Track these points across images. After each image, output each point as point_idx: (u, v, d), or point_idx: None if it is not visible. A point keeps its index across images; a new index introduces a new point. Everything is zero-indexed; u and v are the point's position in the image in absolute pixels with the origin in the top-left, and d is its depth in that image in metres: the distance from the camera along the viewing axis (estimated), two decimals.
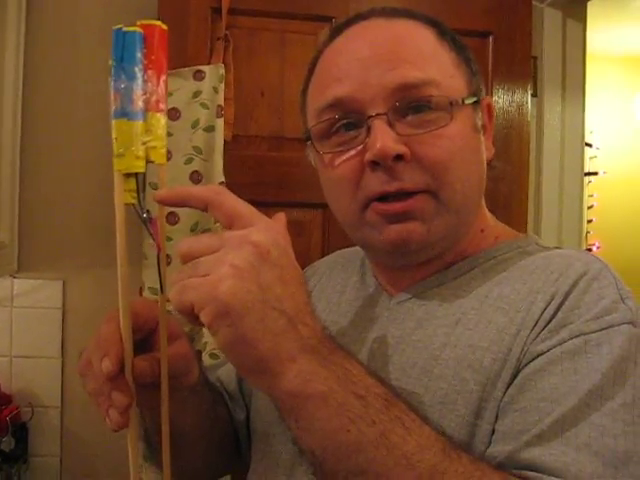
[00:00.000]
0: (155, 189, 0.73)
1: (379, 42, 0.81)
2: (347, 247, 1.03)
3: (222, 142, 1.61)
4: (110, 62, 0.61)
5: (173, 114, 1.60)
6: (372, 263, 0.94)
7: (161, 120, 0.63)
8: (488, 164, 0.86)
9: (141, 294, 1.60)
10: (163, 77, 0.64)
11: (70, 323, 1.76)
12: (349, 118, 0.80)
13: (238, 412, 0.99)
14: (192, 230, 1.60)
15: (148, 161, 0.62)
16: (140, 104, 0.61)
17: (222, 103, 1.61)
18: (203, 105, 1.61)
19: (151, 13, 1.65)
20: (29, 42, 1.72)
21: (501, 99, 1.85)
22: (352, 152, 0.79)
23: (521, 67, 1.88)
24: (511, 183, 1.83)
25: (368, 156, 0.77)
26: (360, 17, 0.85)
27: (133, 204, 0.62)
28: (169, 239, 1.57)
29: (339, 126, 0.81)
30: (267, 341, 0.59)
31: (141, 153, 0.61)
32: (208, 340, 1.56)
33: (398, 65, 0.78)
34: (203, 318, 0.58)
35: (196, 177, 1.60)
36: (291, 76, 1.72)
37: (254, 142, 1.73)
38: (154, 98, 0.62)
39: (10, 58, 1.64)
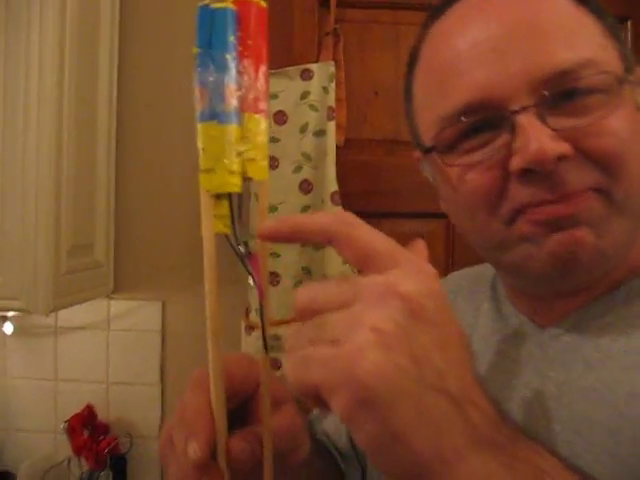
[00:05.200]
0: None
1: (510, 13, 0.61)
2: (476, 263, 0.83)
3: (334, 147, 1.45)
4: (195, 49, 0.48)
5: (279, 118, 1.46)
6: (508, 289, 0.74)
7: (261, 124, 0.50)
8: None
9: (247, 316, 1.47)
10: (263, 68, 0.50)
11: (170, 347, 1.66)
12: (485, 119, 0.61)
13: (352, 473, 0.82)
14: (303, 245, 1.45)
15: (245, 177, 0.49)
16: (234, 102, 0.48)
17: (333, 104, 1.46)
18: (312, 107, 1.46)
19: None
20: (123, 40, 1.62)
21: None
22: (490, 159, 0.61)
23: None
24: None
25: (518, 162, 0.58)
26: None
27: (226, 234, 0.50)
28: (276, 255, 1.44)
29: (470, 129, 0.62)
30: (425, 435, 0.41)
31: (236, 167, 0.48)
32: None
33: (542, 44, 0.59)
34: (335, 405, 0.40)
35: (306, 186, 1.45)
36: None
37: (368, 146, 1.56)
38: (252, 95, 0.49)
39: (104, 63, 1.54)
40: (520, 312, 0.71)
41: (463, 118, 0.61)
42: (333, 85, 1.46)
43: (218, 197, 0.49)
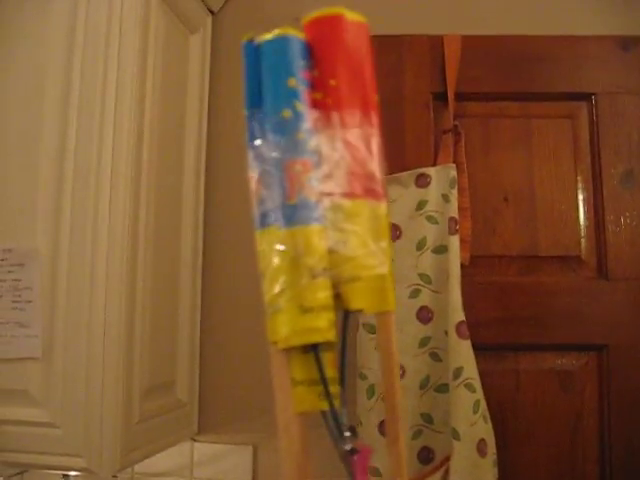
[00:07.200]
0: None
1: None
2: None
3: (458, 267, 1.19)
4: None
5: (392, 232, 1.22)
6: None
7: (362, 209, 0.36)
8: None
9: None
10: (372, 117, 0.40)
11: None
12: None
13: None
14: (421, 387, 1.18)
15: (347, 310, 0.34)
16: (308, 189, 0.33)
17: (455, 215, 1.21)
18: (430, 219, 1.22)
19: None
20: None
21: None
22: None
23: None
24: None
25: None
26: None
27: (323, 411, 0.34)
28: None
29: None
30: None
31: (323, 296, 0.31)
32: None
33: None
34: None
35: (425, 315, 1.20)
36: (543, 173, 1.30)
37: (499, 264, 1.30)
38: (342, 170, 0.36)
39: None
40: None
41: None
42: (455, 192, 1.22)
43: (304, 349, 0.32)
